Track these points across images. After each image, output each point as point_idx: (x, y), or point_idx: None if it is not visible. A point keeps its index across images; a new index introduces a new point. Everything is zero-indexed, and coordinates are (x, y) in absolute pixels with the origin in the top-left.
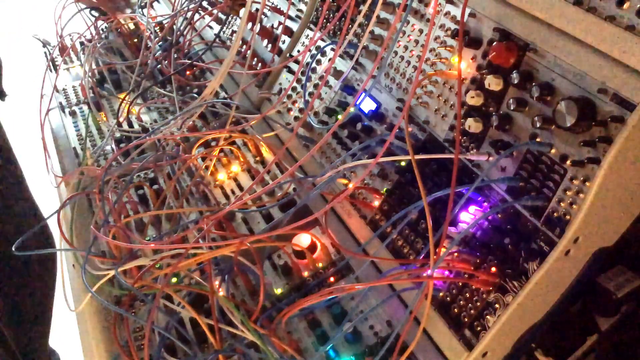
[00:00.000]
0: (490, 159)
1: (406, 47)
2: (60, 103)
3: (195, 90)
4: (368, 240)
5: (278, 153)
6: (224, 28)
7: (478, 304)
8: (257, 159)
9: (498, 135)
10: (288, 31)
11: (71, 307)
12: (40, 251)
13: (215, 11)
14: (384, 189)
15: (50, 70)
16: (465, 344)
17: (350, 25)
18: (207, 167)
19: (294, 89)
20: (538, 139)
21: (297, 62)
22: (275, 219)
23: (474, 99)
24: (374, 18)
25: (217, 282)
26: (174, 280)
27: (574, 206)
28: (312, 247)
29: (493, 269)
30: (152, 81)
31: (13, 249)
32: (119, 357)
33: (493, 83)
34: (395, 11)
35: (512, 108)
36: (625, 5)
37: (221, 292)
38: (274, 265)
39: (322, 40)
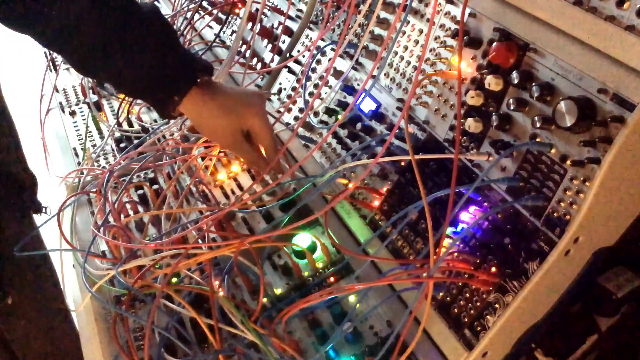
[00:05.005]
0: (490, 159)
1: (406, 47)
2: (60, 103)
3: None
4: (368, 240)
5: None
6: (224, 28)
7: (478, 304)
8: None
9: (498, 135)
10: (288, 31)
11: (71, 307)
12: (40, 252)
13: (215, 11)
14: (384, 189)
15: (50, 70)
16: (465, 344)
17: (350, 25)
18: (207, 167)
19: (294, 88)
20: (538, 139)
21: (297, 62)
22: (275, 219)
23: (474, 99)
24: (374, 18)
25: (217, 282)
26: (174, 280)
27: (574, 206)
28: (312, 247)
29: (493, 269)
30: None
31: (14, 251)
32: (119, 357)
33: (493, 83)
34: (395, 11)
35: (512, 108)
36: (625, 5)
37: (221, 292)
38: (274, 265)
39: (322, 40)
